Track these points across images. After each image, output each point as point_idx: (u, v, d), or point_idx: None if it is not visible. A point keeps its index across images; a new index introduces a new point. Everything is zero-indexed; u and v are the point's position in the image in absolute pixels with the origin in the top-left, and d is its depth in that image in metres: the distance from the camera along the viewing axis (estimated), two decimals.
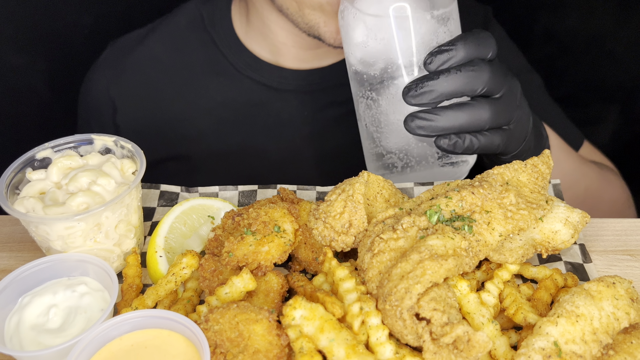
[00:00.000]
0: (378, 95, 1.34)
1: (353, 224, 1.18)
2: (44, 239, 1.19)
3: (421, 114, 1.21)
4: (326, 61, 1.81)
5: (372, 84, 1.33)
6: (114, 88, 1.87)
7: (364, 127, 1.41)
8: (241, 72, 1.80)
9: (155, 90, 1.85)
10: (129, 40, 1.92)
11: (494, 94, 1.25)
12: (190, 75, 1.84)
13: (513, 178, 1.25)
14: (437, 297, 1.00)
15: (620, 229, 1.38)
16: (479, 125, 1.24)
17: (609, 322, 1.02)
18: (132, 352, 1.03)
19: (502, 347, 1.04)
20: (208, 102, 1.82)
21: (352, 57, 1.36)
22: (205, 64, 1.83)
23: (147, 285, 1.25)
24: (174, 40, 1.86)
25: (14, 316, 1.12)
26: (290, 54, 1.78)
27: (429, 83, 1.19)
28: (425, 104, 1.20)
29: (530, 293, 1.17)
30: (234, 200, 1.47)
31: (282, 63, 1.80)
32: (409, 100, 1.20)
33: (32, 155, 1.29)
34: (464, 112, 1.22)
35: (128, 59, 1.87)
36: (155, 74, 1.85)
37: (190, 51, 1.85)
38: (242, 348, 0.98)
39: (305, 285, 1.12)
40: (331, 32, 1.54)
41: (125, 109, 1.86)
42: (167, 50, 1.86)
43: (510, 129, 1.31)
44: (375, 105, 1.35)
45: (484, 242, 1.13)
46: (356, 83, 1.39)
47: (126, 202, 1.21)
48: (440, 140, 1.24)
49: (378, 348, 0.99)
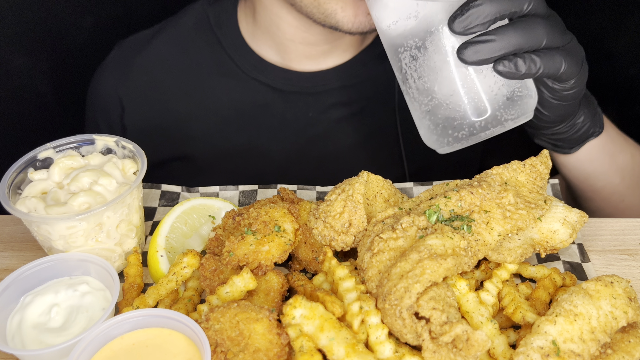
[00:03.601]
0: (424, 43, 1.23)
1: (353, 223, 1.19)
2: (46, 238, 1.19)
3: (474, 38, 1.16)
4: (331, 62, 1.81)
5: (415, 35, 1.25)
6: (122, 88, 1.87)
7: (413, 88, 1.28)
8: (247, 73, 1.81)
9: (161, 90, 1.85)
10: (136, 41, 1.92)
11: (541, 13, 1.20)
12: (196, 76, 1.84)
13: (512, 178, 1.25)
14: (437, 296, 1.00)
15: (618, 228, 1.38)
16: (536, 41, 1.18)
17: (607, 321, 1.02)
18: (134, 351, 1.03)
19: (501, 346, 1.04)
20: (213, 103, 1.83)
21: (391, 13, 1.24)
22: (212, 65, 1.83)
23: (148, 285, 1.26)
24: (180, 42, 1.87)
25: (16, 315, 1.12)
26: (297, 51, 1.78)
27: (474, 4, 1.14)
28: (473, 29, 1.14)
29: (528, 292, 1.18)
30: (235, 200, 1.48)
31: (287, 63, 1.81)
32: (456, 27, 1.14)
33: (34, 155, 1.29)
34: (518, 28, 1.16)
35: (135, 60, 1.87)
36: (162, 74, 1.86)
37: (197, 52, 1.85)
38: (243, 347, 0.99)
39: (305, 285, 1.13)
40: (349, 17, 1.51)
41: (132, 109, 1.87)
42: (174, 52, 1.86)
43: (567, 49, 1.26)
44: (422, 54, 1.24)
45: (482, 241, 1.14)
46: (395, 41, 1.27)
47: (127, 202, 1.22)
48: (499, 65, 1.16)
49: (377, 347, 1.00)
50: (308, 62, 1.81)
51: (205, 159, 1.86)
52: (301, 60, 1.80)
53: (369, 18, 1.49)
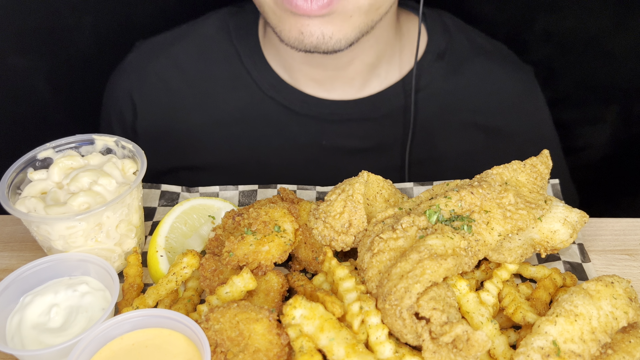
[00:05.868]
0: None
1: (353, 223, 1.19)
2: (46, 238, 1.19)
3: None
4: (342, 93, 1.78)
5: None
6: (137, 94, 1.85)
7: None
8: (264, 91, 1.77)
9: (175, 99, 1.83)
10: (155, 45, 1.88)
11: None
12: (211, 87, 1.81)
13: (512, 178, 1.25)
14: (437, 297, 1.00)
15: (618, 228, 1.38)
16: None
17: (608, 322, 1.02)
18: (133, 351, 1.03)
19: (501, 346, 1.04)
20: (226, 117, 1.80)
21: None
22: (228, 78, 1.80)
23: (148, 285, 1.26)
24: (199, 51, 1.83)
25: (16, 315, 1.12)
26: (302, 72, 1.74)
27: None
28: None
29: (529, 292, 1.18)
30: (235, 200, 1.48)
31: (295, 83, 1.77)
32: None
33: (33, 155, 1.29)
34: None
35: (152, 65, 1.84)
36: (178, 83, 1.83)
37: (214, 63, 1.81)
38: (243, 347, 0.99)
39: (305, 285, 1.12)
40: (295, 35, 1.49)
41: (145, 115, 1.85)
42: (192, 60, 1.83)
43: None
44: None
45: (483, 241, 1.14)
46: None
47: (127, 202, 1.22)
48: None
49: (378, 347, 1.00)
50: (316, 86, 1.76)
51: (212, 172, 1.84)
52: (308, 83, 1.76)
53: (326, 37, 1.47)
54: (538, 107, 1.92)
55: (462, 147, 1.84)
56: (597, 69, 2.07)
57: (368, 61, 1.72)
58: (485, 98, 1.85)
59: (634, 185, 2.24)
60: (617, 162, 2.19)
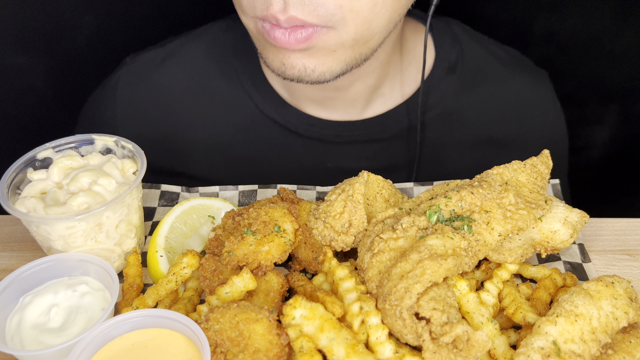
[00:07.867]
0: None
1: (353, 223, 1.19)
2: (45, 238, 1.19)
3: None
4: (350, 114, 1.68)
5: None
6: (123, 117, 1.74)
7: None
8: (265, 113, 1.67)
9: (167, 117, 1.73)
10: (146, 62, 1.77)
11: None
12: (206, 107, 1.70)
13: (512, 178, 1.25)
14: (437, 297, 1.00)
15: (619, 228, 1.38)
16: None
17: (608, 322, 1.02)
18: (133, 351, 1.03)
19: (502, 346, 1.04)
20: (223, 137, 1.70)
21: None
22: (225, 97, 1.69)
23: (148, 285, 1.26)
24: (192, 68, 1.72)
25: (15, 316, 1.12)
26: (300, 91, 1.64)
27: None
28: None
29: (529, 293, 1.18)
30: (234, 200, 1.48)
31: (296, 102, 1.68)
32: None
33: (33, 155, 1.29)
34: None
35: (143, 85, 1.74)
36: (170, 101, 1.72)
37: (210, 81, 1.70)
38: (243, 347, 0.99)
39: (305, 285, 1.12)
40: (278, 65, 1.39)
41: (133, 132, 1.71)
42: (185, 80, 1.72)
43: None
44: None
45: (483, 241, 1.14)
46: None
47: (127, 202, 1.22)
48: None
49: (378, 347, 1.00)
50: (316, 107, 1.68)
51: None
52: (307, 103, 1.67)
53: (308, 69, 1.38)
54: (556, 113, 1.84)
55: (475, 163, 1.69)
56: (598, 69, 2.07)
57: (370, 83, 1.63)
58: (503, 110, 1.75)
59: (634, 185, 2.25)
60: (617, 162, 2.19)
